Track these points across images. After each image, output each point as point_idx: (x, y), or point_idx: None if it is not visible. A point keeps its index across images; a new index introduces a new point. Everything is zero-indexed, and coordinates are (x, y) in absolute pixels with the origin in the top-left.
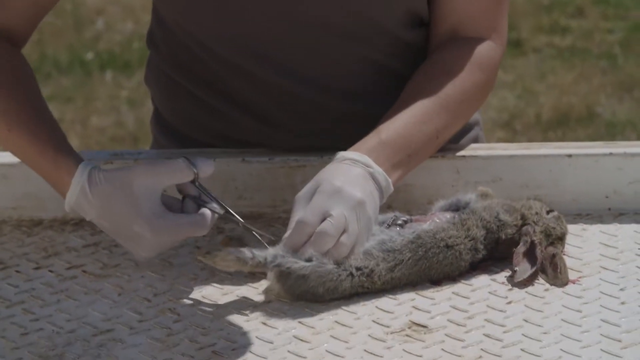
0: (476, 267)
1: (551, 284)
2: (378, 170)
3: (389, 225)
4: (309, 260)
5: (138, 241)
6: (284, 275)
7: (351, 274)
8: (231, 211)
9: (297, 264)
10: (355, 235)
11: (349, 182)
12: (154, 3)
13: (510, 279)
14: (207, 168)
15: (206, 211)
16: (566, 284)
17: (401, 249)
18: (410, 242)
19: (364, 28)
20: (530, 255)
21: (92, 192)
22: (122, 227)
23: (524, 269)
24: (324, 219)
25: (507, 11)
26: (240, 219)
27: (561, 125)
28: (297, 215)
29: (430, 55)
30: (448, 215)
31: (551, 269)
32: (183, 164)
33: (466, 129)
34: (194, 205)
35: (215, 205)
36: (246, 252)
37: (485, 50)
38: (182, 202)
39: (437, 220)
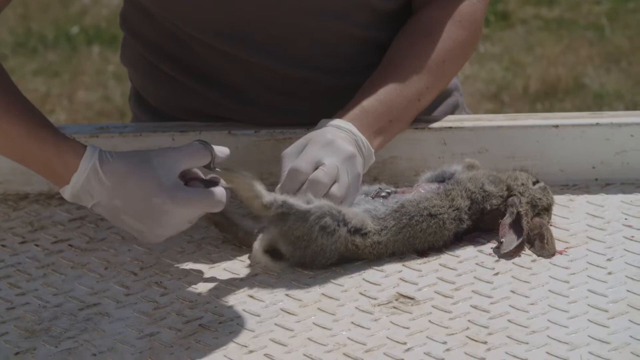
0: (461, 238)
1: (538, 255)
2: (361, 138)
3: (373, 197)
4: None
5: (156, 217)
6: (284, 217)
7: (339, 221)
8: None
9: (301, 203)
10: (345, 187)
11: (339, 137)
12: None
13: (497, 250)
14: (223, 150)
15: (221, 188)
16: (553, 254)
17: (385, 217)
18: (394, 211)
19: (344, 4)
20: (516, 226)
21: (104, 170)
22: (139, 204)
23: (510, 240)
24: (316, 168)
25: None
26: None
27: (548, 96)
28: (288, 166)
29: (413, 15)
30: (433, 186)
31: (538, 240)
32: (200, 146)
33: (445, 95)
34: (202, 185)
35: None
36: (261, 188)
37: (466, 6)
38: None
39: (422, 191)
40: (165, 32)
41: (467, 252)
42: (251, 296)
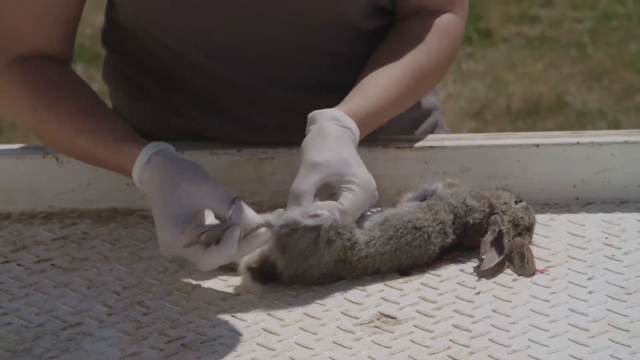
0: (443, 257)
1: (518, 274)
2: (355, 132)
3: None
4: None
5: (158, 233)
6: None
7: (339, 233)
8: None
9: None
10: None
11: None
12: (108, 2)
13: (478, 268)
14: (243, 219)
15: (213, 249)
16: (533, 274)
17: (372, 228)
18: (380, 224)
19: (326, 22)
20: (497, 244)
21: (141, 179)
22: (155, 213)
23: (491, 257)
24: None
25: None
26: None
27: (531, 114)
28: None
29: (397, 24)
30: (416, 204)
31: (518, 259)
32: (229, 200)
33: (425, 114)
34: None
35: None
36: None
37: (450, 20)
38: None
39: (406, 208)
40: (147, 49)
41: (449, 271)
42: (233, 316)
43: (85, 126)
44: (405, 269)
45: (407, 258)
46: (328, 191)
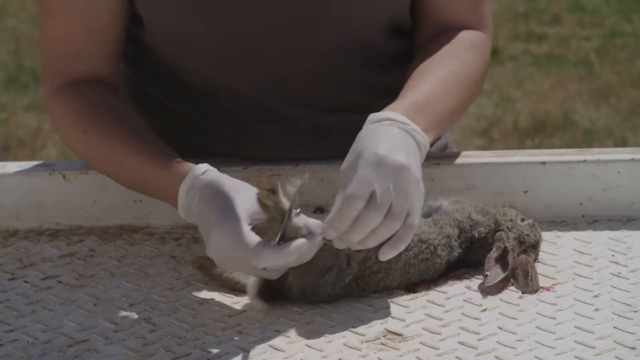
0: (449, 274)
1: (522, 292)
2: (415, 128)
3: None
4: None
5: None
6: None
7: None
8: None
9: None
10: (402, 210)
11: (393, 149)
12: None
13: (482, 284)
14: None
15: (278, 247)
16: (536, 291)
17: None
18: None
19: (344, 42)
20: (502, 260)
21: (190, 208)
22: (200, 221)
23: (495, 274)
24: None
25: (489, 3)
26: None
27: (538, 132)
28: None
29: (423, 46)
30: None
31: (522, 276)
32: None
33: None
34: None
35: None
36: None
37: (480, 37)
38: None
39: None
40: (158, 61)
41: (455, 289)
42: (240, 332)
43: (132, 148)
44: (412, 285)
45: (415, 272)
46: None
